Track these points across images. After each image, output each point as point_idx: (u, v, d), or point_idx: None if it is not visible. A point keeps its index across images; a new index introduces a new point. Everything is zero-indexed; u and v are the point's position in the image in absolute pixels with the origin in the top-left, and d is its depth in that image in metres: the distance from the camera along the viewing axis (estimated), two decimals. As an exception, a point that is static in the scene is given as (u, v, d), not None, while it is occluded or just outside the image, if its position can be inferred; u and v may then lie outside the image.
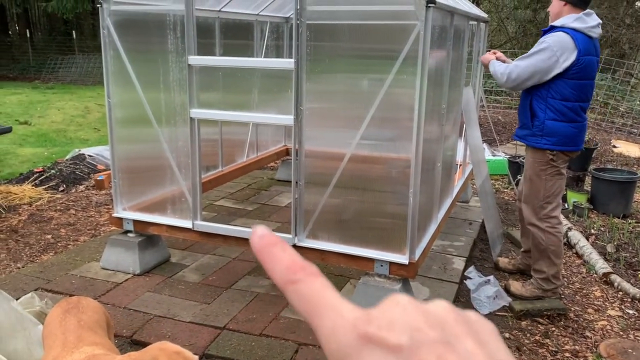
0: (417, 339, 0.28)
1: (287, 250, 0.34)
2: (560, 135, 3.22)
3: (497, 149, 7.07)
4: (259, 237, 0.35)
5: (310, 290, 0.32)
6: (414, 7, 2.61)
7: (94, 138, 8.90)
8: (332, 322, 0.30)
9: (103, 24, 3.37)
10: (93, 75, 15.93)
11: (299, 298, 0.32)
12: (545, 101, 3.22)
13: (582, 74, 3.14)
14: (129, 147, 3.56)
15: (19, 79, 17.06)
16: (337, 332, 0.30)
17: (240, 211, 4.76)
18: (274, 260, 0.34)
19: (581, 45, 3.09)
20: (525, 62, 3.21)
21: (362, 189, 3.05)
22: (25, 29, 20.39)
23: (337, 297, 0.32)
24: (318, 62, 2.95)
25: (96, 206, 5.05)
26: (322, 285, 0.33)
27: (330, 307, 0.31)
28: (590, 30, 3.14)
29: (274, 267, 0.34)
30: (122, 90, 3.47)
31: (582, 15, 3.16)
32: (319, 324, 0.31)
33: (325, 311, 0.31)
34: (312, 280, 0.33)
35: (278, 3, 5.20)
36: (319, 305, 0.32)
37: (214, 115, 3.50)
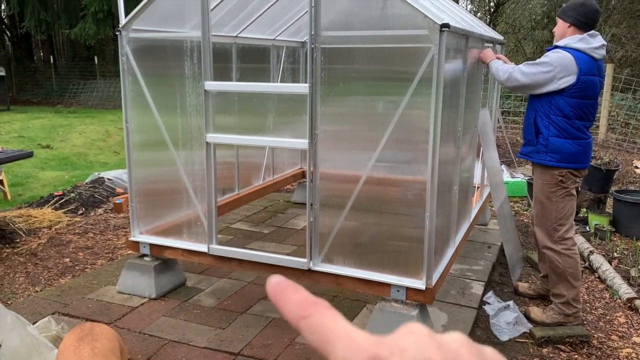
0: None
1: (299, 291, 0.35)
2: (564, 153, 3.21)
3: (516, 170, 6.99)
4: (275, 284, 0.36)
5: (321, 321, 0.33)
6: (428, 31, 2.61)
7: (113, 161, 9.02)
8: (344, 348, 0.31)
9: (122, 51, 3.44)
10: (114, 99, 16.23)
11: (311, 330, 0.33)
12: (548, 118, 3.22)
13: (582, 93, 3.13)
14: (146, 172, 3.60)
15: (43, 104, 17.46)
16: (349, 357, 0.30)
17: (256, 234, 4.76)
18: (287, 301, 0.35)
19: (582, 66, 3.09)
20: (527, 68, 3.24)
21: (377, 212, 3.03)
22: (49, 55, 20.94)
23: (348, 324, 0.33)
24: (333, 85, 2.96)
25: (114, 229, 5.09)
26: (332, 316, 0.33)
27: (342, 334, 0.32)
28: (593, 51, 3.13)
29: (288, 307, 0.35)
30: (140, 115, 3.52)
31: (586, 36, 3.16)
32: (331, 350, 0.31)
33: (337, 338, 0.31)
34: (323, 313, 0.34)
35: (294, 28, 5.26)
36: (331, 333, 0.32)
37: (230, 139, 3.52)
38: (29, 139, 10.40)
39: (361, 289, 3.05)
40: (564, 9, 3.30)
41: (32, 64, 21.98)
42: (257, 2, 4.34)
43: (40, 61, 23.19)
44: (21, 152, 4.95)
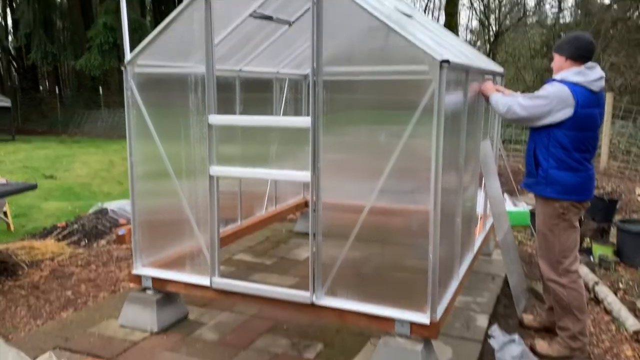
0: None
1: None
2: (564, 185, 3.21)
3: (519, 199, 6.98)
4: None
5: None
6: (428, 67, 2.65)
7: (117, 191, 9.05)
8: None
9: (127, 85, 3.49)
10: (118, 129, 16.38)
11: None
12: (547, 150, 3.24)
13: (580, 126, 3.15)
14: (149, 204, 3.61)
15: (47, 134, 17.62)
16: None
17: (259, 265, 4.74)
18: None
19: (580, 99, 3.11)
20: (525, 102, 3.27)
21: (381, 242, 3.02)
22: (55, 86, 21.20)
23: None
24: (334, 118, 2.99)
25: (116, 261, 5.08)
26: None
27: None
28: (591, 84, 3.15)
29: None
30: (144, 147, 3.55)
31: (583, 68, 3.19)
32: None
33: None
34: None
35: (297, 61, 5.34)
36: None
37: (233, 172, 3.54)
38: (32, 169, 10.47)
39: (365, 324, 3.02)
40: (559, 44, 3.35)
41: (38, 95, 22.27)
42: (261, 37, 4.42)
43: (46, 91, 23.49)
44: (25, 185, 4.98)
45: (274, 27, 4.36)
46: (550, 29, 17.70)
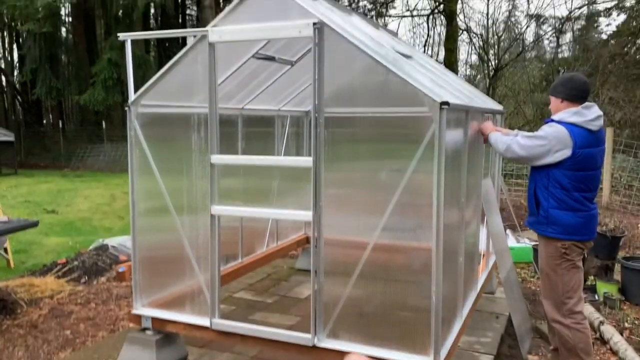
0: None
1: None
2: (565, 224, 3.20)
3: (521, 235, 6.95)
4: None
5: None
6: (429, 109, 2.68)
7: (118, 226, 9.03)
8: None
9: (130, 125, 3.53)
10: (120, 162, 16.46)
11: None
12: (547, 190, 3.24)
13: (580, 166, 3.15)
14: (150, 243, 3.60)
15: (50, 167, 17.71)
16: None
17: (259, 304, 4.69)
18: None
19: (578, 139, 3.13)
20: (524, 141, 3.30)
21: (383, 280, 3.00)
22: (58, 120, 21.42)
23: None
24: (336, 153, 3.01)
25: (116, 299, 5.03)
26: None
27: None
28: (589, 124, 3.17)
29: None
30: (146, 185, 3.56)
31: (580, 109, 3.21)
32: None
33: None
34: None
35: (299, 98, 5.40)
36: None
37: (235, 212, 3.55)
38: (34, 203, 10.48)
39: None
40: (554, 86, 3.39)
41: (41, 128, 22.48)
42: (264, 76, 4.48)
43: (49, 125, 23.71)
44: (26, 222, 4.98)
45: (277, 67, 4.42)
46: (549, 63, 17.94)
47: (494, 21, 18.44)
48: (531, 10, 18.32)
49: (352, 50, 2.88)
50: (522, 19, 19.09)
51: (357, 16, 4.32)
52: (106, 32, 20.32)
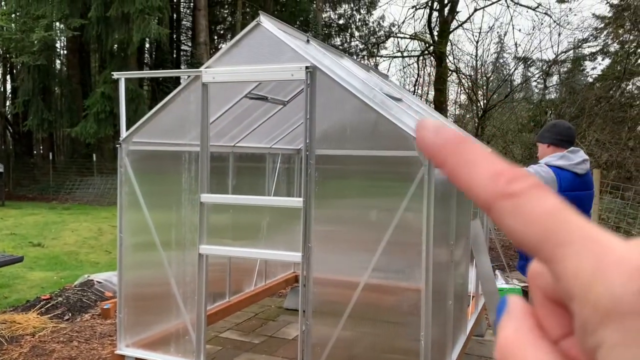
0: None
1: (484, 151, 0.25)
2: None
3: (510, 276, 6.94)
4: (435, 132, 0.25)
5: (542, 207, 0.23)
6: (418, 152, 2.71)
7: (104, 261, 8.91)
8: (596, 258, 0.21)
9: (121, 162, 3.53)
10: (109, 196, 16.35)
11: (522, 218, 0.23)
12: None
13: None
14: (137, 280, 3.56)
15: (38, 199, 17.54)
16: (609, 275, 0.20)
17: (246, 344, 4.61)
18: (468, 163, 0.24)
19: (563, 183, 3.17)
20: None
21: (373, 321, 2.98)
22: (49, 151, 21.36)
23: (587, 222, 0.22)
24: (327, 192, 3.03)
25: (100, 337, 4.92)
26: (559, 203, 0.23)
27: (587, 235, 0.22)
28: (574, 167, 3.22)
29: (471, 172, 0.24)
30: (134, 223, 3.54)
31: (566, 153, 3.27)
32: (565, 255, 0.22)
33: (579, 239, 0.22)
34: (542, 194, 0.23)
35: (290, 136, 5.45)
36: (564, 229, 0.22)
37: (223, 251, 3.53)
38: (20, 236, 10.33)
39: (354, 412, 2.92)
40: (540, 134, 3.47)
41: (31, 160, 22.37)
42: (256, 115, 4.53)
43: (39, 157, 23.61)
44: (11, 258, 4.90)
45: (270, 106, 4.48)
46: (536, 104, 18.28)
47: (482, 63, 18.86)
48: (519, 53, 18.76)
49: (342, 92, 2.94)
50: (510, 61, 19.53)
51: (348, 59, 4.41)
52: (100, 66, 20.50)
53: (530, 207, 0.23)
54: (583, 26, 23.41)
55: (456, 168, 0.25)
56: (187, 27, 25.29)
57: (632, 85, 16.51)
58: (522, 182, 0.23)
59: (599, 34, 17.14)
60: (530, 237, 0.23)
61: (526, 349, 0.23)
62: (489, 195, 0.24)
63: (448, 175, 0.25)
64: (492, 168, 0.24)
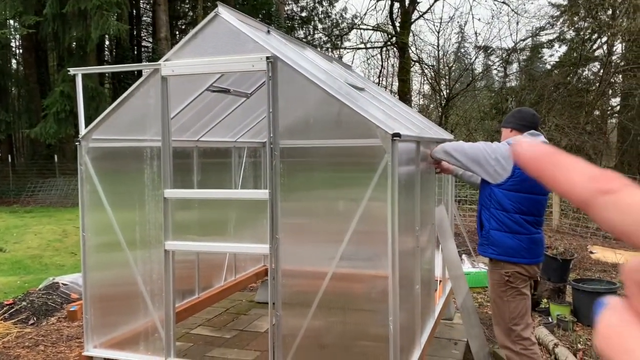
0: None
1: (579, 160, 0.29)
2: (503, 246, 3.28)
3: (476, 260, 7.08)
4: (531, 147, 0.30)
5: (636, 200, 0.26)
6: (381, 141, 2.74)
7: (70, 263, 8.72)
8: None
9: (81, 160, 3.45)
10: (73, 197, 15.97)
11: (619, 210, 0.27)
12: (489, 211, 3.34)
13: (520, 187, 3.22)
14: (102, 280, 3.50)
15: (-2, 203, 16.99)
16: None
17: (218, 340, 4.59)
18: (565, 169, 0.29)
19: None
20: (468, 143, 3.39)
21: (342, 309, 3.00)
22: (8, 154, 20.69)
23: None
24: (293, 184, 3.03)
25: (67, 340, 4.83)
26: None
27: None
28: None
29: (569, 176, 0.28)
30: (97, 222, 3.48)
31: (526, 134, 3.36)
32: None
33: None
34: (635, 190, 0.27)
35: (255, 129, 5.42)
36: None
37: (190, 247, 3.50)
38: (-20, 242, 10.01)
39: (327, 399, 2.94)
40: (504, 120, 3.55)
41: (-11, 163, 21.63)
42: (219, 108, 4.49)
43: (-2, 160, 22.84)
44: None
45: (233, 99, 4.44)
46: (498, 92, 18.63)
47: (444, 53, 19.10)
48: (479, 42, 19.07)
49: (305, 83, 2.93)
50: (471, 51, 19.84)
51: (310, 50, 4.40)
52: (58, 65, 19.93)
53: (627, 200, 0.26)
54: (540, 14, 24.02)
55: (554, 174, 0.29)
56: (148, 22, 24.82)
57: (588, 70, 16.99)
58: (618, 181, 0.27)
59: (555, 21, 17.56)
60: (627, 227, 0.26)
61: (629, 336, 0.26)
62: (590, 193, 0.27)
63: (548, 182, 0.29)
64: (589, 171, 0.28)
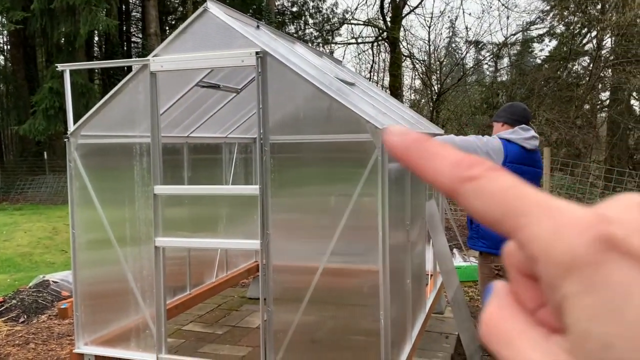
0: None
1: (446, 146, 0.28)
2: (493, 239, 3.32)
3: (467, 254, 7.12)
4: (401, 135, 0.28)
5: (499, 185, 0.25)
6: (371, 135, 2.74)
7: (60, 261, 8.67)
8: (553, 221, 0.23)
9: (70, 157, 3.43)
10: (63, 194, 15.86)
11: (483, 197, 0.25)
12: None
13: None
14: (93, 278, 3.48)
15: (-13, 201, 16.84)
16: (564, 233, 0.23)
17: (210, 336, 4.58)
18: (432, 158, 0.27)
19: (509, 153, 3.27)
20: (459, 137, 3.39)
21: (333, 304, 3.01)
22: (-4, 151, 20.51)
23: (542, 193, 0.25)
24: (283, 179, 3.03)
25: (57, 338, 4.80)
26: (514, 180, 0.25)
27: (544, 203, 0.24)
28: (524, 142, 3.33)
29: (435, 165, 0.27)
30: (87, 219, 3.46)
31: (517, 129, 3.39)
32: (527, 223, 0.24)
33: (538, 207, 0.24)
34: (498, 174, 0.26)
35: (246, 125, 5.40)
36: (523, 200, 0.24)
37: (180, 243, 3.49)
38: (-31, 240, 9.93)
39: (318, 394, 2.95)
40: (496, 114, 3.57)
41: (-22, 161, 21.44)
42: (209, 103, 4.47)
43: (-14, 157, 22.65)
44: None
45: (223, 94, 4.42)
46: (488, 87, 18.68)
47: (435, 47, 19.11)
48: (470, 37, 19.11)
49: (295, 78, 2.93)
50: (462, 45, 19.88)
51: (300, 45, 4.39)
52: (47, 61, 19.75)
53: (490, 187, 0.25)
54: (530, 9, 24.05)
55: (421, 163, 0.27)
56: (137, 18, 24.63)
57: (578, 65, 17.07)
58: (480, 166, 0.26)
59: (545, 16, 17.61)
60: (493, 213, 0.25)
61: (506, 321, 0.25)
62: (453, 182, 0.26)
63: (416, 172, 0.28)
64: (453, 158, 0.27)
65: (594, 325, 0.21)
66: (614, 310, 0.21)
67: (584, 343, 0.21)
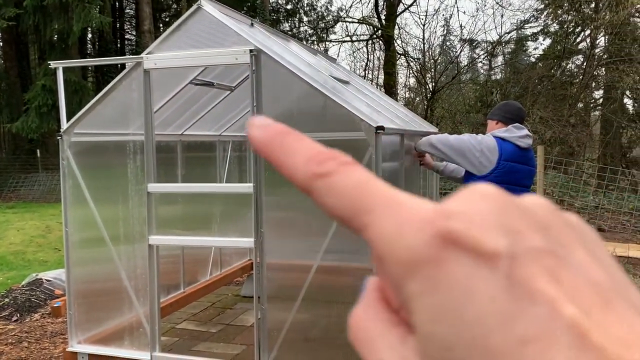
0: (518, 246, 0.20)
1: (304, 140, 0.26)
2: None
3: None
4: (262, 128, 0.26)
5: (350, 182, 0.23)
6: (365, 133, 2.74)
7: (53, 259, 8.63)
8: (395, 218, 0.22)
9: (63, 155, 3.41)
10: (56, 192, 15.79)
11: (334, 194, 0.23)
12: None
13: (504, 178, 3.25)
14: (86, 276, 3.47)
15: (-21, 199, 16.74)
16: (405, 230, 0.21)
17: (204, 334, 4.58)
18: (289, 153, 0.25)
19: (503, 152, 3.27)
20: (454, 135, 3.39)
21: (327, 302, 3.02)
22: (-11, 149, 20.39)
23: (391, 188, 0.23)
24: (278, 179, 3.02)
25: (51, 336, 4.78)
26: (365, 176, 0.24)
27: (389, 200, 0.23)
28: (518, 140, 3.34)
29: (291, 161, 0.25)
30: (80, 217, 3.44)
31: (511, 127, 3.39)
32: (370, 221, 0.22)
33: (382, 204, 0.22)
34: (350, 170, 0.24)
35: (240, 123, 5.39)
36: (369, 198, 0.23)
37: (174, 241, 3.48)
38: (-39, 238, 9.87)
39: (313, 392, 2.96)
40: (490, 112, 3.58)
41: (-30, 159, 21.29)
42: (203, 101, 4.46)
43: (-21, 155, 22.50)
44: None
45: (217, 92, 4.41)
46: (483, 85, 18.73)
47: (430, 46, 19.14)
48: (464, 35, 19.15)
49: (289, 76, 2.92)
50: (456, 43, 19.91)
51: (295, 43, 4.39)
52: (40, 58, 19.64)
53: (340, 183, 0.23)
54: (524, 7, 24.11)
55: (280, 159, 0.25)
56: (131, 15, 24.53)
57: (571, 63, 17.15)
58: (332, 162, 0.24)
59: (539, 14, 17.67)
60: (343, 211, 0.23)
61: (370, 321, 0.24)
62: (305, 180, 0.24)
63: (277, 169, 0.26)
64: (307, 152, 0.25)
65: (437, 326, 0.20)
66: (454, 310, 0.20)
67: (429, 345, 0.20)
